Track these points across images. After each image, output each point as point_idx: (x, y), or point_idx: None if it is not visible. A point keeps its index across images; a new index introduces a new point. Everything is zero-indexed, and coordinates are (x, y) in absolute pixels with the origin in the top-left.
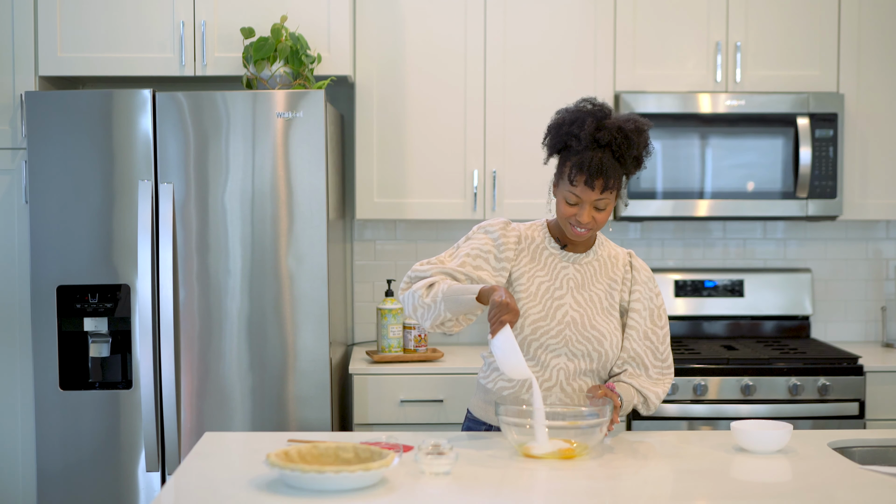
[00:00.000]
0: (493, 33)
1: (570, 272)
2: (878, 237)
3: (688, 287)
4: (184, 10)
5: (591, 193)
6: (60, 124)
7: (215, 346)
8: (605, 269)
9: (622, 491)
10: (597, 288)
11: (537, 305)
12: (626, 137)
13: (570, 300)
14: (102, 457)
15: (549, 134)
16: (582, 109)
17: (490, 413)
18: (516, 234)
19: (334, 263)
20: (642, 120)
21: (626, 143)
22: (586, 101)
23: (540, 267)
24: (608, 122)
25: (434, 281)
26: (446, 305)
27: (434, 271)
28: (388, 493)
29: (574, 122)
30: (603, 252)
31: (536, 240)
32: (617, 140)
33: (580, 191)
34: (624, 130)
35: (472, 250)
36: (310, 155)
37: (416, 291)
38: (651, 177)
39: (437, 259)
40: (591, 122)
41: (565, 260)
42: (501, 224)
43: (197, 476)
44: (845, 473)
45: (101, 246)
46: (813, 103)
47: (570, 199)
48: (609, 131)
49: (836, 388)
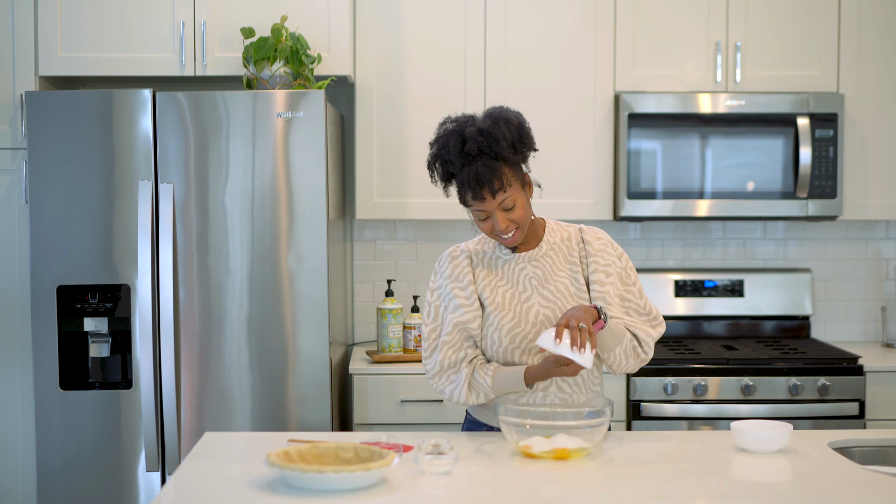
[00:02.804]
0: (493, 33)
1: (528, 271)
2: (878, 237)
3: (688, 287)
4: (184, 10)
5: (489, 203)
6: (60, 124)
7: (215, 346)
8: (562, 255)
9: (622, 491)
10: (560, 277)
11: (508, 314)
12: (491, 136)
13: (537, 298)
14: (102, 457)
15: (430, 171)
16: (445, 132)
17: (490, 415)
18: (465, 256)
19: (334, 263)
20: (505, 110)
21: (492, 140)
22: (447, 120)
23: (499, 277)
24: (470, 130)
25: (467, 375)
26: (497, 393)
27: (447, 357)
28: (388, 493)
29: (442, 148)
30: (554, 238)
31: (487, 252)
32: (484, 143)
33: (480, 206)
34: (485, 131)
35: (441, 299)
36: (310, 155)
37: (459, 398)
38: (651, 177)
39: (425, 340)
40: (454, 140)
41: (521, 261)
42: (448, 258)
43: (197, 476)
44: (845, 473)
45: (101, 246)
46: (813, 103)
47: (480, 216)
48: (473, 140)
49: (836, 388)
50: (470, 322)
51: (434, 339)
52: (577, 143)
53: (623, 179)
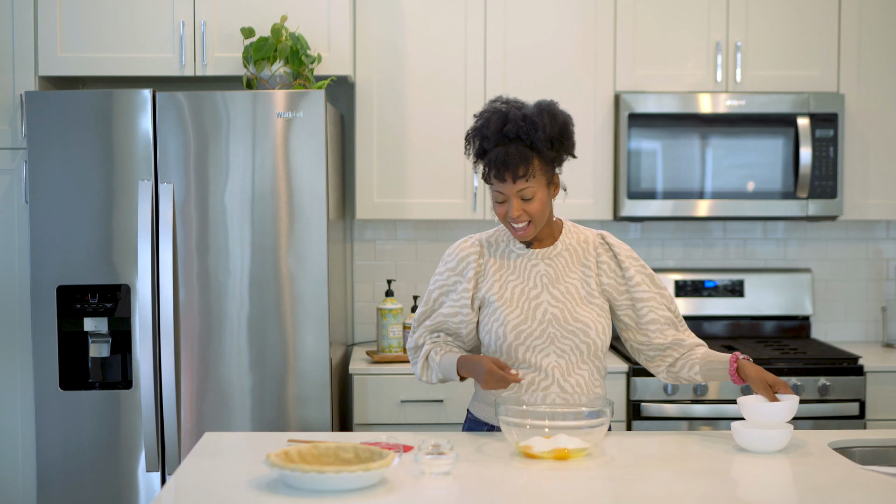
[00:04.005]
0: (493, 33)
1: (540, 269)
2: (879, 237)
3: (688, 287)
4: (184, 10)
5: (509, 186)
6: (60, 124)
7: (215, 346)
8: (576, 258)
9: (622, 491)
10: (571, 278)
11: (515, 310)
12: (532, 124)
13: (546, 297)
14: (102, 457)
15: (467, 142)
16: (490, 109)
17: (491, 413)
18: (476, 247)
19: (334, 263)
20: (556, 105)
21: (532, 128)
22: (498, 100)
23: (510, 271)
24: (515, 113)
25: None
26: (443, 378)
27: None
28: (388, 493)
29: (483, 124)
30: (570, 240)
31: (500, 244)
32: (523, 128)
33: (500, 187)
34: (528, 118)
35: (440, 288)
36: (310, 155)
37: (417, 369)
38: (651, 177)
39: (414, 320)
40: (497, 119)
41: (534, 258)
42: (458, 247)
43: (197, 476)
44: (845, 473)
45: (101, 246)
46: (813, 103)
47: (498, 198)
48: (514, 123)
49: (837, 388)
50: (452, 317)
51: (421, 321)
52: (577, 143)
53: (623, 179)
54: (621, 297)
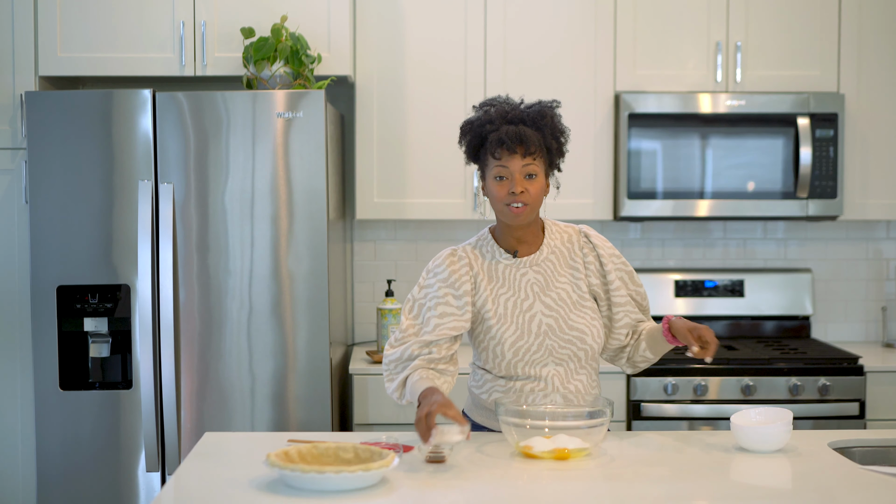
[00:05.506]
0: (493, 33)
1: (529, 277)
2: (879, 237)
3: (688, 287)
4: (184, 10)
5: (516, 160)
6: (60, 124)
7: (215, 346)
8: (563, 260)
9: (622, 491)
10: (561, 283)
11: (511, 326)
12: (539, 112)
13: (539, 307)
14: (102, 457)
15: (464, 134)
16: (490, 102)
17: (487, 418)
18: (465, 261)
19: (334, 263)
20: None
21: (539, 116)
22: (496, 98)
23: (500, 284)
24: (517, 106)
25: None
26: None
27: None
28: (388, 493)
29: (483, 115)
30: (555, 241)
31: (486, 257)
32: (530, 115)
33: (505, 160)
34: (534, 106)
35: (431, 301)
36: (310, 155)
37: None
38: (651, 177)
39: (401, 332)
40: (500, 108)
41: (522, 266)
42: (447, 260)
43: (197, 476)
44: (845, 473)
45: (101, 246)
46: (813, 103)
47: (500, 174)
48: (518, 110)
49: (837, 388)
50: (454, 332)
51: (410, 335)
52: (577, 143)
53: (623, 179)
54: (602, 300)
